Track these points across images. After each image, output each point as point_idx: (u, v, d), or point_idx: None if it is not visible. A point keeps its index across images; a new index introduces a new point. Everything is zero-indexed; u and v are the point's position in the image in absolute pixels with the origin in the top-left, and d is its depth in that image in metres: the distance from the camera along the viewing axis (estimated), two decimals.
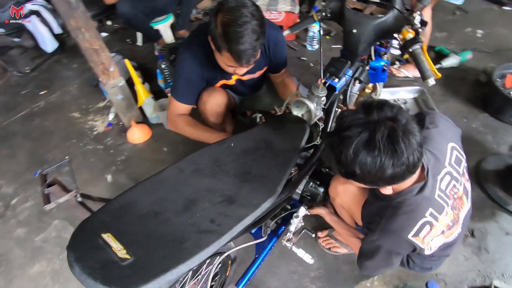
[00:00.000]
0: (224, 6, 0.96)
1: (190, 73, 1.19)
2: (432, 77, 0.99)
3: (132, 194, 0.63)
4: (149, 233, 0.56)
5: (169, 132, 1.96)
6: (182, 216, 0.60)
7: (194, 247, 0.54)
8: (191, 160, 0.76)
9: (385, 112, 0.69)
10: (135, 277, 0.47)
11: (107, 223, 0.56)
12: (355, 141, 0.67)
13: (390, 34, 1.06)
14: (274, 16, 2.45)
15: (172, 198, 0.64)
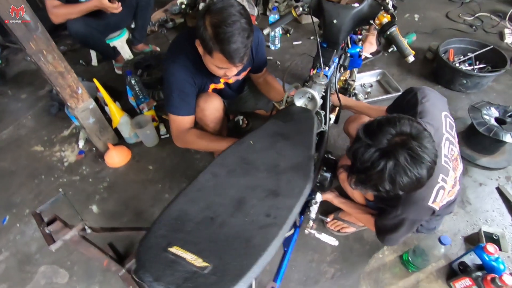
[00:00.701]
0: (211, 8, 0.96)
1: (183, 84, 1.16)
2: (411, 55, 1.10)
3: (178, 205, 0.60)
4: (213, 238, 0.54)
5: (150, 149, 1.88)
6: (237, 217, 0.59)
7: (263, 242, 0.53)
8: (219, 163, 0.74)
9: (389, 131, 0.74)
10: (223, 281, 0.45)
11: (168, 237, 0.53)
12: (385, 174, 0.72)
13: (366, 21, 1.16)
14: None
15: (220, 202, 0.63)
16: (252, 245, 0.53)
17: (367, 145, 0.75)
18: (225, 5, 0.94)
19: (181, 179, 1.72)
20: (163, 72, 1.21)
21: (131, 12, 2.29)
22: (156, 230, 0.54)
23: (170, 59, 1.17)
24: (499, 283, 1.06)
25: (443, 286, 1.29)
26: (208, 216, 0.59)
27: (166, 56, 1.21)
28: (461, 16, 2.75)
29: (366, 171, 0.75)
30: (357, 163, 0.77)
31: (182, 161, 1.81)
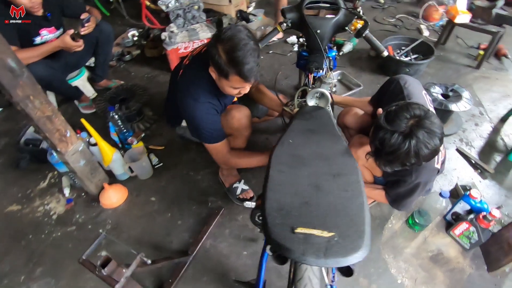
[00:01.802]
0: (221, 37, 1.05)
1: (209, 117, 1.24)
2: (385, 50, 1.34)
3: (272, 200, 0.66)
4: (319, 215, 0.62)
5: (146, 182, 1.83)
6: (324, 197, 0.68)
7: (359, 207, 0.64)
8: (277, 162, 0.82)
9: (405, 117, 0.90)
10: (353, 241, 0.54)
11: (286, 223, 0.59)
12: (411, 151, 0.89)
13: (343, 28, 1.37)
14: (197, 45, 2.57)
15: (302, 189, 0.71)
16: (353, 212, 0.63)
17: (390, 131, 0.91)
18: (234, 32, 1.05)
19: (189, 202, 1.71)
20: (185, 110, 1.25)
21: (91, 49, 2.22)
22: (273, 222, 0.60)
23: (190, 97, 1.22)
24: (489, 217, 1.32)
25: (445, 236, 1.52)
26: (302, 201, 0.67)
27: (183, 95, 1.25)
28: (385, 19, 3.28)
29: (394, 153, 0.91)
30: (385, 148, 0.92)
31: (184, 186, 1.80)
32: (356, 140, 1.30)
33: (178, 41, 2.47)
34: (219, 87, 1.20)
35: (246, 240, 1.54)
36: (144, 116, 2.18)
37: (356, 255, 0.53)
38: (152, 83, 2.61)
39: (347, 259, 0.52)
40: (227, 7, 3.12)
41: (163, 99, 2.45)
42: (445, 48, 2.84)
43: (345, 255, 0.52)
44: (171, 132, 2.12)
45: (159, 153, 1.99)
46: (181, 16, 2.50)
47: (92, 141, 1.73)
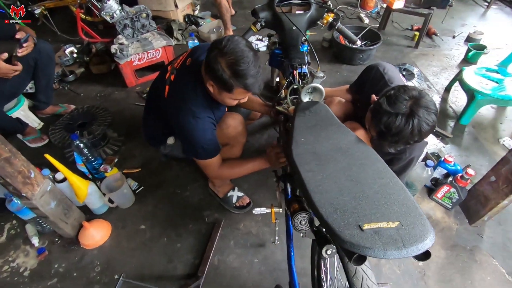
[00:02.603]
0: (223, 51, 1.00)
1: (208, 134, 1.19)
2: (358, 39, 1.41)
3: (323, 203, 0.64)
4: (374, 207, 0.62)
5: (130, 210, 1.67)
6: (366, 188, 0.69)
7: (402, 191, 0.66)
8: (302, 165, 0.80)
9: (404, 98, 0.96)
10: (420, 225, 0.56)
11: (351, 222, 0.58)
12: (415, 130, 0.95)
13: (315, 22, 1.41)
14: (152, 55, 2.42)
15: (343, 185, 0.70)
16: (400, 197, 0.65)
17: (394, 114, 0.96)
18: (234, 45, 1.00)
19: (184, 222, 1.61)
20: (184, 128, 1.17)
21: (30, 73, 1.93)
22: (337, 224, 0.58)
23: (190, 115, 1.15)
24: (466, 177, 1.49)
25: (429, 201, 1.68)
26: (350, 197, 0.66)
27: (180, 113, 1.16)
28: None
29: (400, 134, 0.97)
30: (391, 131, 0.98)
31: (174, 205, 1.68)
32: (348, 126, 1.35)
33: (131, 53, 2.29)
34: (219, 100, 1.16)
35: (254, 247, 1.50)
36: (110, 139, 1.98)
37: (430, 237, 0.54)
38: (108, 101, 2.37)
39: (424, 243, 0.53)
40: (174, 12, 2.99)
41: (126, 118, 2.27)
42: (385, 32, 3.12)
43: (420, 240, 0.54)
44: (144, 151, 1.96)
45: (136, 176, 1.82)
46: (129, 26, 2.32)
47: (58, 177, 1.51)
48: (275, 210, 1.26)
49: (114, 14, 2.21)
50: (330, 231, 0.58)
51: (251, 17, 3.56)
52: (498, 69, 2.16)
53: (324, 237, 0.71)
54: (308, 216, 0.75)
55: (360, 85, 1.44)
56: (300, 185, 0.75)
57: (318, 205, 0.64)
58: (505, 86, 2.00)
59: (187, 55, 1.26)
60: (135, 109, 2.29)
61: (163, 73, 1.32)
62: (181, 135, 1.22)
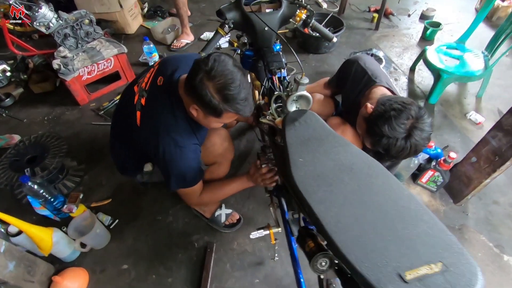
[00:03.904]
0: (210, 73, 0.87)
1: (193, 162, 1.06)
2: (334, 37, 1.33)
3: (346, 244, 0.56)
4: (404, 246, 0.55)
5: (107, 250, 1.48)
6: (388, 218, 0.61)
7: (429, 218, 0.60)
8: (311, 195, 0.71)
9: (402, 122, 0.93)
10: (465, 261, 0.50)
11: (385, 271, 0.50)
12: (413, 150, 0.95)
13: (287, 20, 1.29)
14: (104, 66, 2.15)
15: (363, 216, 0.62)
16: (429, 224, 0.59)
17: (393, 139, 0.94)
18: (222, 67, 0.88)
19: (172, 251, 1.46)
20: (167, 159, 1.02)
21: None
22: (376, 275, 0.50)
23: (174, 145, 1.01)
24: (448, 160, 1.51)
25: (415, 186, 1.70)
26: (376, 232, 0.59)
27: (160, 142, 1.01)
28: None
29: (399, 155, 0.97)
30: (390, 153, 0.97)
31: (157, 235, 1.52)
32: (332, 123, 1.29)
33: (78, 67, 2.00)
34: (203, 124, 1.03)
35: (252, 267, 1.41)
36: (69, 170, 1.73)
37: (480, 275, 0.49)
38: (59, 125, 2.08)
39: (477, 286, 0.47)
40: (119, 13, 2.69)
41: (84, 141, 2.00)
42: (345, 16, 3.09)
43: (473, 282, 0.48)
44: (112, 177, 1.75)
45: (107, 209, 1.62)
46: (71, 36, 2.01)
47: (12, 231, 1.28)
48: (274, 230, 1.18)
49: (49, 23, 1.90)
50: (366, 285, 0.50)
51: (207, 12, 3.36)
52: (457, 46, 2.23)
53: (350, 280, 0.63)
54: (329, 256, 0.66)
55: (340, 81, 1.37)
56: (314, 222, 0.66)
57: (345, 252, 0.56)
58: (466, 63, 2.07)
59: (155, 72, 1.08)
60: (93, 130, 2.04)
61: (129, 95, 1.14)
62: (160, 166, 1.07)
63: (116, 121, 1.28)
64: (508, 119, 1.25)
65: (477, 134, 1.99)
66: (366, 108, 1.07)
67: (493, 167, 1.36)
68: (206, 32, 2.82)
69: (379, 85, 1.21)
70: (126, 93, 1.21)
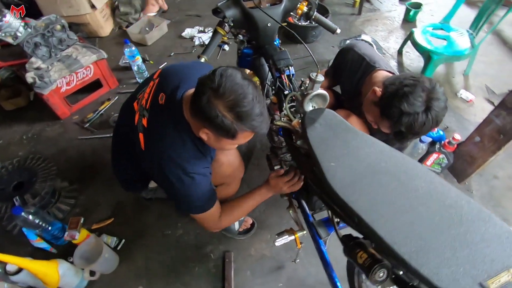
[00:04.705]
0: (218, 91, 0.76)
1: (205, 188, 0.97)
2: (337, 28, 1.28)
3: (405, 250, 0.53)
4: (474, 251, 0.53)
5: (116, 273, 1.39)
6: (440, 218, 0.59)
7: (492, 222, 0.58)
8: (354, 201, 0.67)
9: (419, 95, 0.91)
10: None
11: (462, 279, 0.48)
12: (434, 122, 0.92)
13: (288, 14, 1.23)
14: (83, 74, 1.98)
15: (418, 223, 0.60)
16: (491, 223, 0.57)
17: (413, 114, 0.91)
18: (230, 82, 0.77)
19: (187, 266, 1.39)
20: (171, 187, 0.93)
21: None
22: (448, 285, 0.48)
23: (184, 174, 0.91)
24: (453, 142, 1.53)
25: None
26: (442, 238, 0.56)
27: (169, 172, 0.91)
28: None
29: (423, 128, 0.93)
30: (413, 130, 0.93)
31: (169, 251, 1.45)
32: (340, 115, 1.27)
33: (55, 78, 1.83)
34: (215, 147, 0.94)
35: (273, 271, 1.38)
36: (61, 192, 1.59)
37: None
38: (40, 143, 1.91)
39: None
40: (91, 15, 2.49)
41: (72, 158, 1.85)
42: (327, 2, 3.05)
43: None
44: (110, 195, 1.64)
45: (110, 229, 1.52)
46: (42, 44, 1.83)
47: (11, 270, 1.15)
48: (299, 234, 1.15)
49: (17, 33, 1.71)
50: None
51: (184, 7, 3.19)
52: (442, 26, 2.26)
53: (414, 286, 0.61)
54: (387, 266, 0.63)
55: (338, 70, 1.33)
56: (367, 232, 0.63)
57: (415, 266, 0.53)
58: (454, 42, 2.11)
59: (156, 87, 0.98)
60: (80, 145, 1.89)
61: (128, 113, 1.03)
62: (170, 193, 0.98)
63: (117, 140, 1.18)
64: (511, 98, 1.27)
65: (469, 112, 2.04)
66: (375, 92, 1.03)
67: (498, 145, 1.39)
68: (187, 28, 2.68)
69: (379, 70, 1.18)
70: (125, 110, 1.10)
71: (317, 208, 1.20)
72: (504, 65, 2.40)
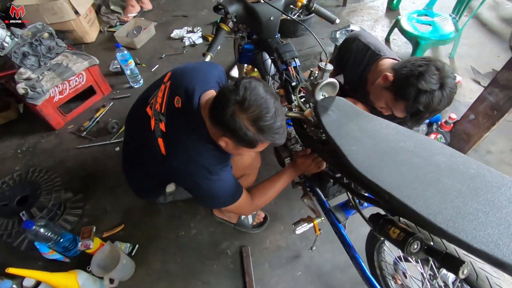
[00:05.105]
0: (243, 105, 0.78)
1: (231, 177, 1.00)
2: (336, 18, 1.31)
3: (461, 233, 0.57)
4: (499, 211, 0.58)
5: (134, 279, 1.38)
6: (466, 188, 0.63)
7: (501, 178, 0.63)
8: (382, 180, 0.71)
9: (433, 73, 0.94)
10: None
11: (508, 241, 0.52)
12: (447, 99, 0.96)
13: (288, 7, 1.25)
14: (76, 82, 1.93)
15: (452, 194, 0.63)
16: (506, 183, 0.62)
17: (430, 92, 0.94)
18: (255, 95, 0.78)
19: (206, 264, 1.40)
20: (198, 188, 0.97)
21: None
22: (489, 248, 0.51)
23: (204, 174, 0.93)
24: (449, 121, 1.60)
25: None
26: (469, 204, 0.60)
27: (191, 174, 0.94)
28: None
29: (440, 105, 0.97)
30: (431, 108, 0.97)
31: (185, 251, 1.44)
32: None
33: (47, 88, 1.78)
34: (232, 153, 0.97)
35: (291, 261, 1.40)
36: (66, 204, 1.56)
37: None
38: (37, 156, 1.85)
39: None
40: (75, 21, 2.42)
41: (73, 169, 1.80)
42: None
43: None
44: (117, 201, 1.62)
45: (122, 236, 1.50)
46: (31, 54, 1.77)
47: (27, 285, 1.13)
48: (317, 221, 1.17)
49: (3, 43, 1.65)
50: (492, 261, 0.51)
51: (169, 8, 3.16)
52: (426, 11, 2.34)
53: (446, 257, 0.64)
54: (420, 238, 0.67)
55: (341, 60, 1.37)
56: (401, 209, 0.65)
57: (455, 233, 0.56)
58: (439, 27, 2.19)
59: (169, 91, 0.97)
60: (79, 154, 1.84)
61: (141, 119, 1.02)
62: (198, 195, 1.00)
63: (130, 147, 1.16)
64: (503, 75, 1.34)
65: (458, 93, 2.12)
66: (386, 77, 1.06)
67: (492, 121, 1.46)
68: (176, 30, 2.65)
69: (384, 57, 1.22)
70: (136, 116, 1.09)
71: (330, 195, 1.23)
72: (484, 46, 2.51)
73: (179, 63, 2.39)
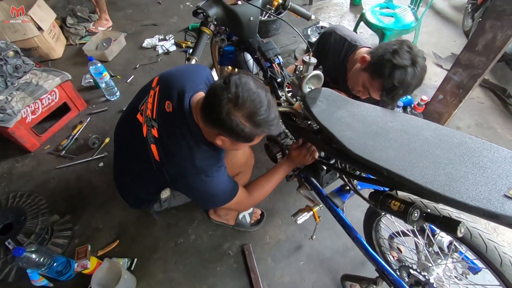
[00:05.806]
0: (237, 102, 0.78)
1: (226, 176, 1.01)
2: (311, 15, 1.37)
3: (449, 192, 0.63)
4: (491, 172, 0.64)
5: None
6: (452, 154, 0.70)
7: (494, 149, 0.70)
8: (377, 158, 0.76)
9: (405, 50, 1.02)
10: None
11: (487, 195, 0.58)
12: (418, 76, 1.03)
13: (265, 7, 1.29)
14: (48, 100, 1.85)
15: (438, 161, 0.70)
16: (486, 147, 0.70)
17: (404, 67, 1.01)
18: (246, 91, 0.78)
19: (209, 267, 1.39)
20: (194, 190, 0.98)
21: None
22: (488, 203, 0.58)
23: (199, 176, 0.94)
24: (421, 103, 1.73)
25: None
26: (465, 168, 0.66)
27: (186, 176, 0.94)
28: None
29: (413, 81, 1.04)
30: (405, 83, 1.03)
31: (186, 258, 1.43)
32: None
33: (19, 109, 1.69)
34: (228, 149, 1.01)
35: (292, 252, 1.44)
36: (54, 227, 1.48)
37: None
38: (14, 181, 1.75)
39: None
40: (39, 38, 2.32)
41: (56, 190, 1.72)
42: None
43: None
44: (107, 217, 1.57)
45: (118, 251, 1.45)
46: None
47: None
48: (316, 209, 1.21)
49: None
50: (486, 214, 0.57)
51: (138, 17, 3.11)
52: (387, 4, 2.49)
53: (444, 220, 0.70)
54: (419, 207, 0.72)
55: (321, 52, 1.43)
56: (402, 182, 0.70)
57: (452, 195, 0.62)
58: (400, 18, 2.34)
59: (159, 96, 0.96)
60: (60, 174, 1.76)
61: (132, 126, 1.01)
62: (196, 197, 1.01)
63: (122, 157, 1.13)
64: (464, 55, 1.47)
65: None
66: (364, 59, 1.14)
67: (459, 98, 1.59)
68: (147, 39, 2.61)
69: (360, 47, 1.30)
70: (127, 124, 1.07)
71: (324, 183, 1.28)
72: (441, 32, 2.72)
73: (155, 72, 2.36)
